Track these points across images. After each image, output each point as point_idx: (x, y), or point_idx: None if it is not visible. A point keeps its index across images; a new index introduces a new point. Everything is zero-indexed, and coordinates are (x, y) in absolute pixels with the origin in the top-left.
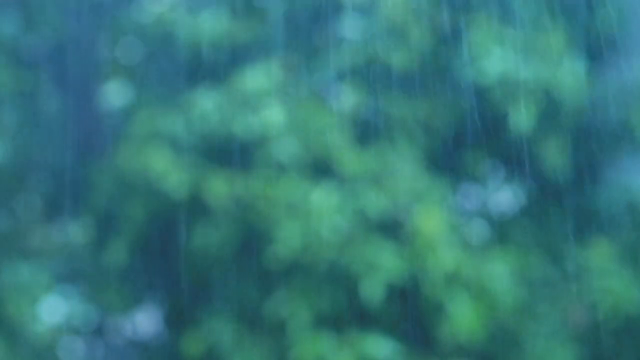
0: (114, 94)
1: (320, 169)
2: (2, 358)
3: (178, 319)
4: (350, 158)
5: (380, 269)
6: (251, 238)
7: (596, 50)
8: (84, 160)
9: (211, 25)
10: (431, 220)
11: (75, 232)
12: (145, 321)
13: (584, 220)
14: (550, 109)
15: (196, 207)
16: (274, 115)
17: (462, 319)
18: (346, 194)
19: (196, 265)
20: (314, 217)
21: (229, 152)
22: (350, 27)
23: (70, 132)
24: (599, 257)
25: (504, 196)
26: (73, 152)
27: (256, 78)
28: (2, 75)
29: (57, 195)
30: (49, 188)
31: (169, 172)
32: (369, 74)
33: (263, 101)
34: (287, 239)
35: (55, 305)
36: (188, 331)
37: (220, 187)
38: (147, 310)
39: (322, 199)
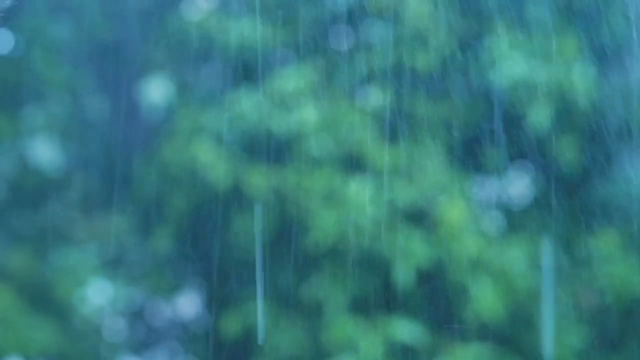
0: (158, 93)
1: (351, 163)
2: (52, 337)
3: (218, 302)
4: (379, 154)
5: (409, 255)
6: (288, 227)
7: (606, 55)
8: (131, 154)
9: (249, 30)
10: (455, 211)
11: (122, 220)
12: (186, 303)
13: (593, 211)
14: (563, 109)
15: (237, 197)
16: (308, 113)
17: (484, 300)
18: (377, 187)
19: (236, 252)
20: (347, 207)
21: (267, 148)
22: (378, 33)
23: (117, 127)
24: (607, 245)
25: (521, 189)
26: (120, 147)
27: (291, 79)
28: (53, 74)
29: (105, 186)
30: (97, 180)
31: (212, 164)
32: (396, 77)
33: (298, 101)
34: (322, 228)
35: (102, 288)
36: (227, 313)
37: (259, 180)
38: (188, 293)
39: (354, 191)
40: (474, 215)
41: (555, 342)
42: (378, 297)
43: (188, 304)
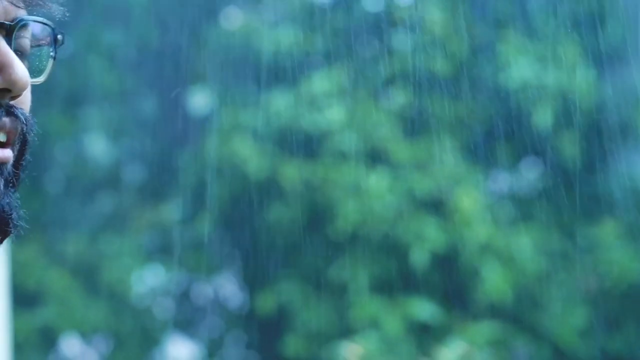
0: (201, 94)
1: (375, 157)
2: (105, 317)
3: (253, 283)
4: (400, 148)
5: (426, 240)
6: (317, 214)
7: (605, 60)
8: (176, 150)
9: (283, 37)
10: (468, 200)
11: (167, 209)
12: (226, 284)
13: (594, 202)
14: (566, 109)
15: (271, 188)
16: (336, 113)
17: (494, 283)
18: (397, 178)
19: (270, 237)
20: (370, 197)
21: (299, 143)
22: (399, 39)
23: (164, 126)
24: (606, 233)
25: (527, 181)
26: (167, 144)
27: (321, 82)
28: (105, 78)
29: (153, 177)
30: (147, 172)
31: (250, 158)
32: (415, 79)
33: (327, 101)
34: (347, 215)
35: (150, 272)
36: (262, 293)
37: (292, 172)
38: (227, 274)
39: (377, 182)
40: (485, 205)
41: (559, 321)
42: (397, 279)
43: (227, 284)
